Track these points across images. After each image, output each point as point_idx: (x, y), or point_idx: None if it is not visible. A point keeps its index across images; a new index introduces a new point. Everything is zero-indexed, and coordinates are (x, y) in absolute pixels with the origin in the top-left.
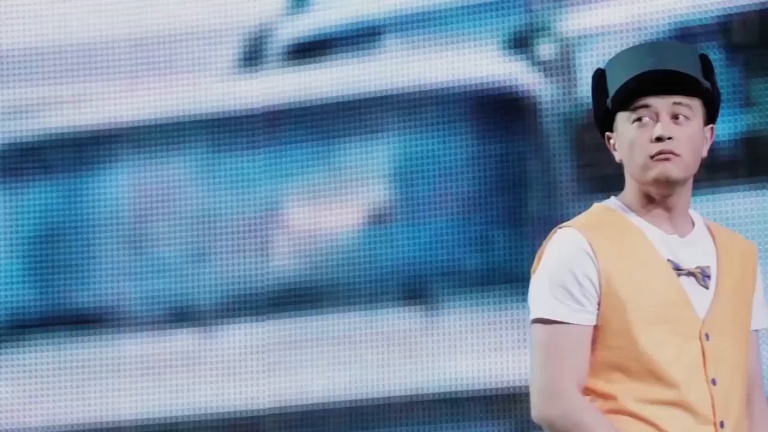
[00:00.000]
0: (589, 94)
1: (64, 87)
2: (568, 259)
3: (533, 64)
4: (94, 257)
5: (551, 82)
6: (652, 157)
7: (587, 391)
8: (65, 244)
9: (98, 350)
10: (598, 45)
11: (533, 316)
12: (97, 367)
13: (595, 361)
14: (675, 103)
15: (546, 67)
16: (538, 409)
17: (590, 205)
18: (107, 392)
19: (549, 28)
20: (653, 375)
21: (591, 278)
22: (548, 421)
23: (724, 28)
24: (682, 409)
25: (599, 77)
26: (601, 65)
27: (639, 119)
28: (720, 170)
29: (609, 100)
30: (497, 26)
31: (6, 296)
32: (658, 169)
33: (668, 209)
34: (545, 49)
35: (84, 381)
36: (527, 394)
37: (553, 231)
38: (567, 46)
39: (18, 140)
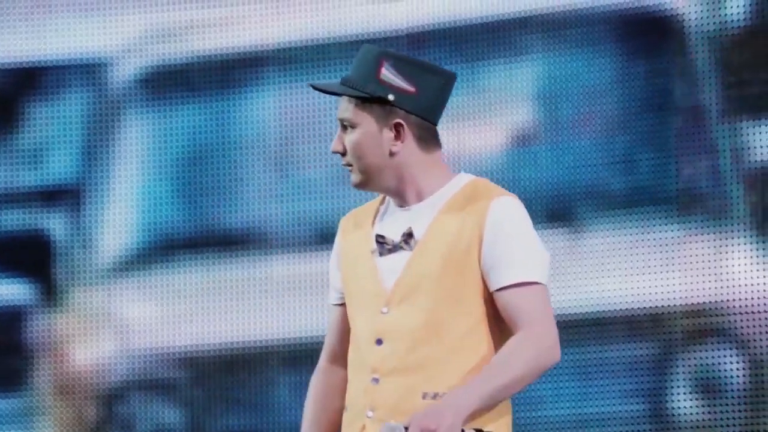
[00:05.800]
0: (738, 12)
1: (211, 10)
2: None
3: None
4: (241, 179)
5: (697, 1)
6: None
7: None
8: (213, 165)
9: (246, 271)
10: None
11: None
12: (244, 288)
13: None
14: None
15: None
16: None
17: (737, 127)
18: (255, 312)
19: None
20: None
21: None
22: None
23: None
24: None
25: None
26: None
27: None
28: None
29: None
30: None
31: (155, 218)
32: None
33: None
34: None
35: (231, 301)
36: (672, 314)
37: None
38: None
39: (166, 63)
